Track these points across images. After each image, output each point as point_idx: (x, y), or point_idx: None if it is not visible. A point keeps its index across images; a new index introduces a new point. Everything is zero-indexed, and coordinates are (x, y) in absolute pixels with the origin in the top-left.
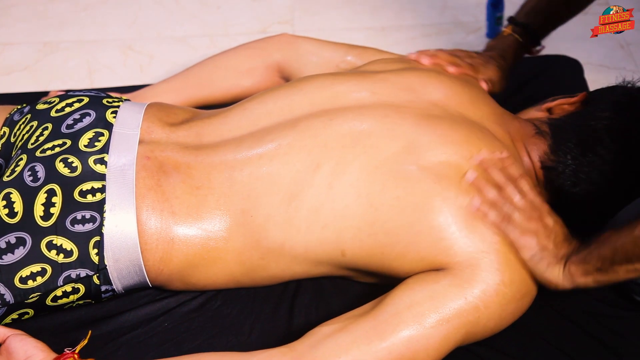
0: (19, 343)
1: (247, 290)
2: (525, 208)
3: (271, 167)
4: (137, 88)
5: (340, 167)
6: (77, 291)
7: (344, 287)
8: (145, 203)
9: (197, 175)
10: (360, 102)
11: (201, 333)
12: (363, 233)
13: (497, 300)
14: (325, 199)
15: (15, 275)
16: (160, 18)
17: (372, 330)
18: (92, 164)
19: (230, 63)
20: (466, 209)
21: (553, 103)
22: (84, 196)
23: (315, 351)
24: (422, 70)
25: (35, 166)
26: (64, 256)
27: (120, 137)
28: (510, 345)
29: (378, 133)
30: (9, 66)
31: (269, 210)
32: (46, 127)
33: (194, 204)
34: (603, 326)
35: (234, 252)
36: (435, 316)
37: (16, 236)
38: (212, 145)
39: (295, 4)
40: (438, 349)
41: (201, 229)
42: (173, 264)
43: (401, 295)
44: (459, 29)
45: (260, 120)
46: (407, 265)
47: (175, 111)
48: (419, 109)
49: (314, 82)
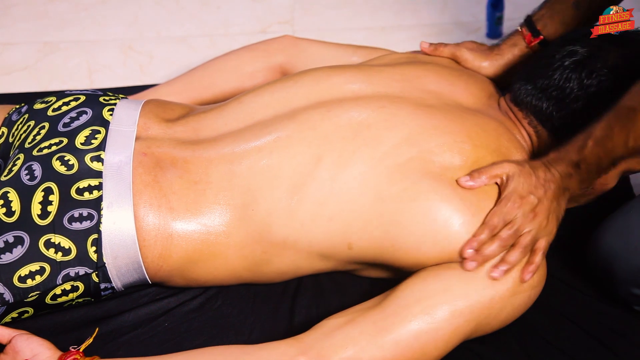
0: (24, 342)
1: (247, 290)
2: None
3: (271, 160)
4: (137, 88)
5: (343, 159)
6: (77, 289)
7: (344, 286)
8: (143, 199)
9: (194, 169)
10: (357, 93)
11: (201, 333)
12: (371, 225)
13: (508, 294)
14: (329, 192)
15: (14, 274)
16: (160, 18)
17: (380, 322)
18: (88, 161)
19: (233, 65)
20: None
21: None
22: (81, 194)
23: (322, 343)
24: (420, 62)
25: (32, 165)
26: (63, 254)
27: (117, 134)
28: (511, 344)
29: (377, 124)
30: (9, 66)
31: (270, 204)
32: (43, 126)
33: (192, 199)
34: (603, 326)
35: (235, 246)
36: (446, 309)
37: (14, 235)
38: (210, 139)
39: (295, 4)
40: (447, 341)
41: (200, 224)
42: (172, 260)
43: (412, 287)
44: (459, 29)
45: (257, 113)
46: (422, 256)
47: (172, 107)
48: (414, 98)
49: (311, 74)
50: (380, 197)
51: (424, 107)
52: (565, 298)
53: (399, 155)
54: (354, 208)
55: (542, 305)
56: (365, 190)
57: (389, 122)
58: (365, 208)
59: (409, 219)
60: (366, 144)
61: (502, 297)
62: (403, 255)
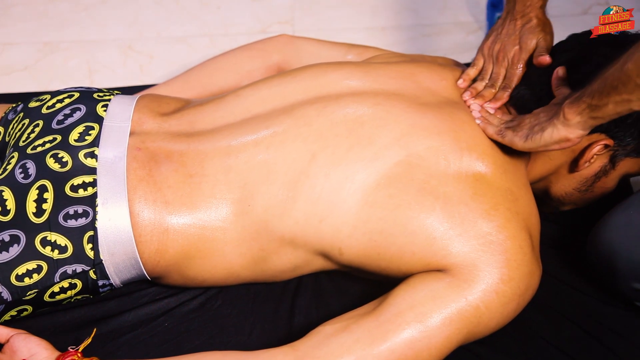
0: (22, 342)
1: (247, 290)
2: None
3: (267, 154)
4: (137, 88)
5: (336, 157)
6: (75, 287)
7: (344, 287)
8: (138, 194)
9: (189, 162)
10: (353, 89)
11: (201, 333)
12: (359, 231)
13: (497, 299)
14: (321, 191)
15: (11, 273)
16: (160, 18)
17: (374, 330)
18: (82, 158)
19: (231, 65)
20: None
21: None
22: (76, 191)
23: (317, 351)
24: (415, 60)
25: (26, 163)
26: (59, 252)
27: (111, 130)
28: (510, 344)
29: (371, 122)
30: (9, 66)
31: (266, 200)
32: (37, 124)
33: (187, 193)
34: (603, 326)
35: (232, 243)
36: (437, 317)
37: (10, 234)
38: (205, 132)
39: (295, 4)
40: (440, 348)
41: (196, 218)
42: (169, 255)
43: (403, 294)
44: (459, 29)
45: (254, 107)
46: (404, 266)
47: (167, 101)
48: (408, 95)
49: (308, 70)
50: (368, 201)
51: (417, 105)
52: (565, 298)
53: (388, 157)
54: (343, 210)
55: (542, 305)
56: (354, 193)
57: (382, 120)
58: (353, 211)
59: (391, 228)
60: (359, 142)
61: (488, 304)
62: (388, 264)
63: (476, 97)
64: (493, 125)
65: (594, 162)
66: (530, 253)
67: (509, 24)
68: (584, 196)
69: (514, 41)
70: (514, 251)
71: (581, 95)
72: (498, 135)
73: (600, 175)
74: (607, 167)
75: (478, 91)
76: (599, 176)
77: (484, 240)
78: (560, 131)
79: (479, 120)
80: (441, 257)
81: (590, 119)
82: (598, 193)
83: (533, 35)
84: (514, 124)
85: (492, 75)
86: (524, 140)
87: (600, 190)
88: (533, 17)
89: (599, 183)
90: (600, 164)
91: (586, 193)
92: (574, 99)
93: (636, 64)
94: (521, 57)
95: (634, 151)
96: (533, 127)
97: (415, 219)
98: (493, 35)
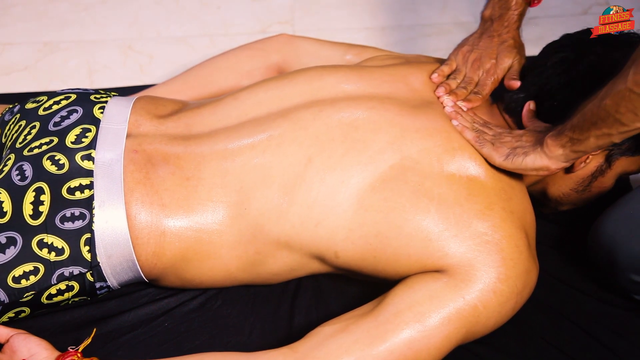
0: (22, 342)
1: (247, 290)
2: (496, 129)
3: (264, 158)
4: (137, 88)
5: (331, 161)
6: (72, 289)
7: (344, 287)
8: (135, 197)
9: (186, 166)
10: (348, 93)
11: (201, 333)
12: (354, 234)
13: (495, 298)
14: (317, 195)
15: (7, 275)
16: (160, 18)
17: (373, 330)
18: (79, 160)
19: (231, 64)
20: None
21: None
22: (72, 193)
23: (317, 352)
24: (409, 63)
25: (22, 165)
26: (56, 254)
27: (108, 132)
28: (510, 344)
29: (365, 126)
30: (9, 66)
31: (262, 204)
32: (34, 125)
33: (184, 195)
34: (603, 326)
35: (228, 246)
36: (436, 316)
37: (6, 236)
38: (202, 135)
39: (295, 4)
40: (440, 348)
41: (193, 221)
42: (166, 257)
43: (401, 294)
44: (459, 29)
45: (251, 111)
46: (400, 268)
47: (164, 103)
48: (400, 98)
49: (305, 73)
50: (363, 205)
51: (410, 107)
52: (565, 298)
53: (383, 161)
54: (339, 214)
55: (542, 305)
56: (349, 196)
57: (376, 124)
58: (348, 215)
59: (387, 230)
60: (354, 146)
61: (486, 304)
62: (384, 267)
63: (449, 94)
64: (470, 130)
65: (589, 162)
66: (527, 251)
67: (485, 39)
68: (582, 196)
69: (491, 54)
70: (510, 250)
71: (563, 129)
72: (476, 143)
73: (597, 175)
74: (604, 167)
75: (452, 88)
76: (596, 176)
77: (480, 240)
78: (543, 160)
79: (451, 115)
80: (437, 258)
81: (571, 152)
82: (595, 193)
83: (510, 54)
84: (490, 135)
85: (465, 79)
86: (504, 158)
87: (598, 190)
88: (509, 37)
89: (596, 183)
90: (596, 164)
91: (584, 193)
92: (557, 132)
93: (614, 100)
94: (496, 71)
95: (629, 150)
96: (515, 149)
97: (410, 221)
98: (469, 45)
